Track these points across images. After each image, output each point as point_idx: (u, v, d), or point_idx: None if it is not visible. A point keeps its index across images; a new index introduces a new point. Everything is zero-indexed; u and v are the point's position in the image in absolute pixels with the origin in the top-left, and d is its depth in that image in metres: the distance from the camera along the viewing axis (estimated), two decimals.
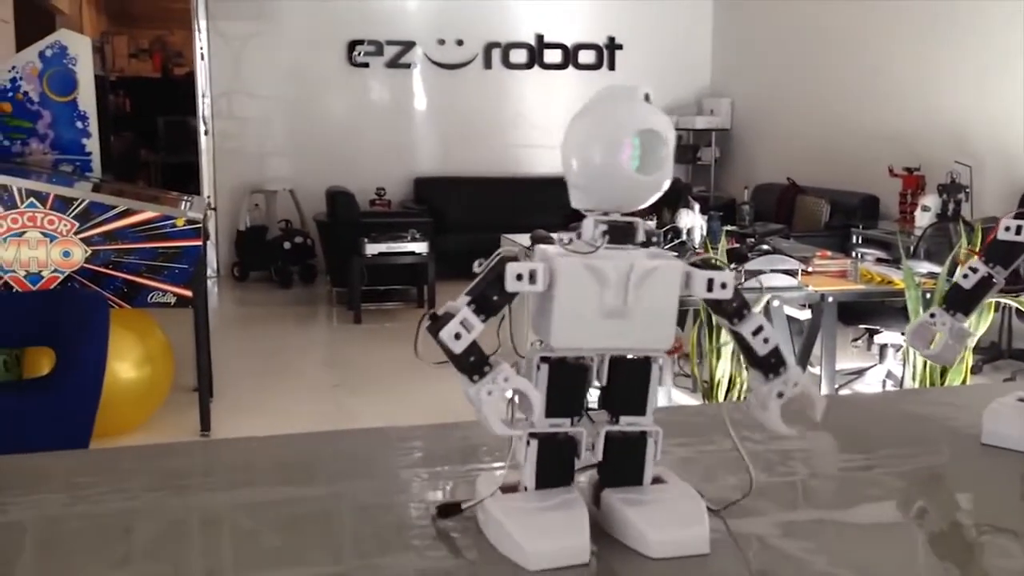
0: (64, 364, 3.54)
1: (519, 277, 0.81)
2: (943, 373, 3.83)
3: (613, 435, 0.86)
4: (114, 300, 3.97)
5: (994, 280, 1.06)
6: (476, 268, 0.83)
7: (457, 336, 0.81)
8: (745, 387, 3.81)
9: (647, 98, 0.84)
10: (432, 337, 0.81)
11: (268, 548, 0.84)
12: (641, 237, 0.84)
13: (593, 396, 0.87)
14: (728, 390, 3.71)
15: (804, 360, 4.39)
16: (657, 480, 0.88)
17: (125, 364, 4.07)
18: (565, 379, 0.84)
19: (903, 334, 4.16)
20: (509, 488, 0.85)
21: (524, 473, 0.85)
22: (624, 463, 0.86)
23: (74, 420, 3.40)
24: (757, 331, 0.86)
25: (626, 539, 0.82)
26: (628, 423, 0.86)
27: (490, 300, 0.82)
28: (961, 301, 1.07)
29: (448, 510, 0.87)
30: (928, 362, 3.81)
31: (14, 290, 3.91)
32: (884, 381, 4.93)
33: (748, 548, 0.84)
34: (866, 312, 4.84)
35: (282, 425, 4.13)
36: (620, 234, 0.84)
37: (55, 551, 0.87)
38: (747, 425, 1.21)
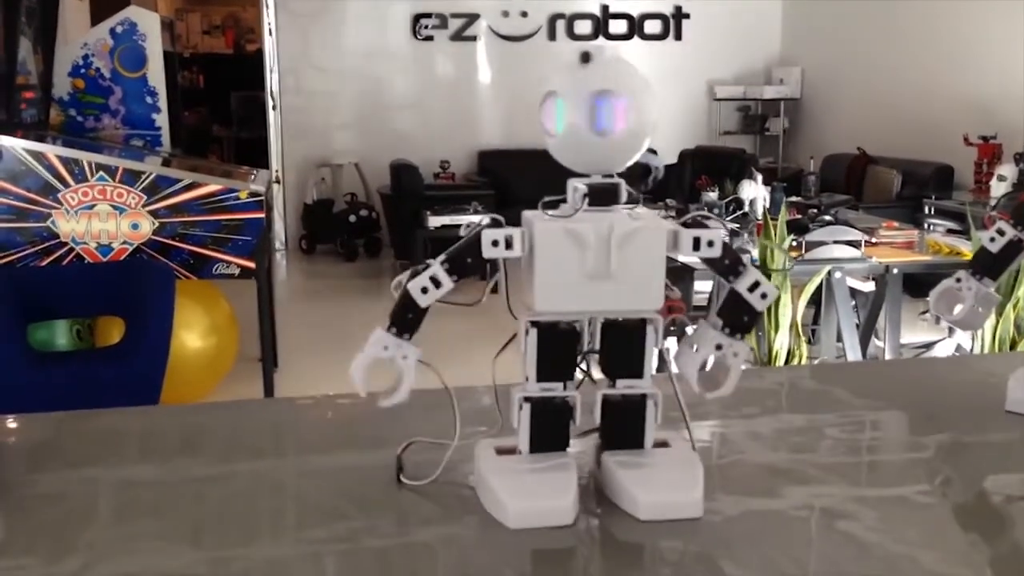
0: (132, 333, 3.66)
1: (495, 243, 0.82)
2: (1013, 347, 3.72)
3: (612, 399, 0.86)
4: (180, 271, 4.08)
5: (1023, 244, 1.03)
6: (463, 232, 0.84)
7: (424, 290, 0.83)
8: (805, 360, 3.76)
9: (586, 57, 0.82)
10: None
11: (329, 509, 0.87)
12: (624, 198, 0.84)
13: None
14: (787, 362, 3.66)
15: (868, 333, 4.30)
16: (662, 444, 0.88)
17: (191, 334, 4.18)
18: (555, 343, 0.84)
19: None
20: (506, 451, 0.86)
21: (519, 437, 0.85)
22: (623, 426, 0.86)
23: (142, 388, 3.51)
24: (753, 287, 0.84)
25: (620, 501, 0.83)
26: (626, 386, 0.85)
27: (464, 262, 0.83)
28: (988, 265, 1.04)
29: (399, 474, 0.88)
30: (998, 336, 3.71)
31: (86, 261, 4.04)
32: (954, 355, 4.80)
33: (745, 515, 0.84)
34: (935, 284, 4.72)
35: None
36: (601, 196, 0.84)
37: (127, 509, 0.90)
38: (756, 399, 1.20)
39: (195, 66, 12.65)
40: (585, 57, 0.82)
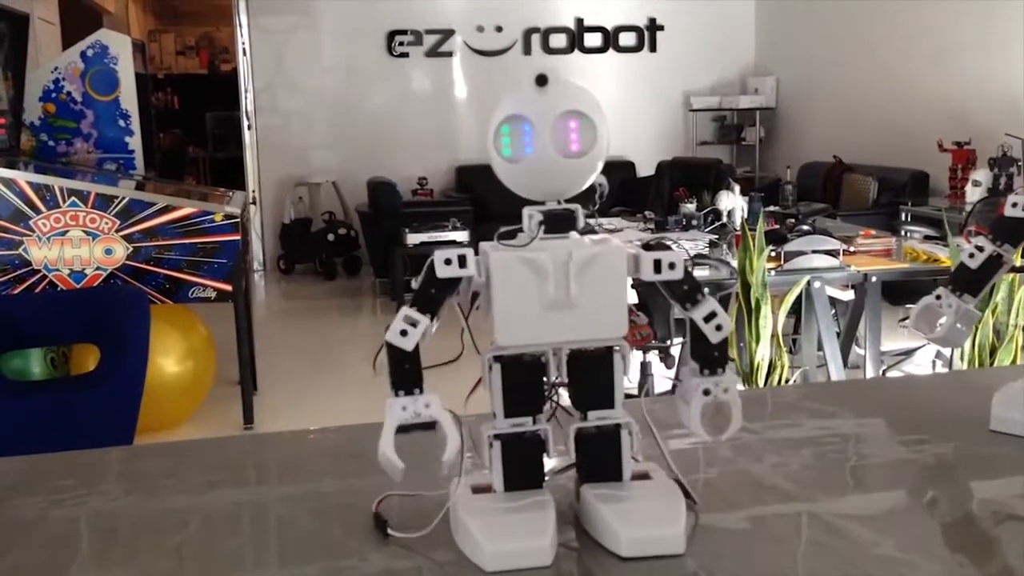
0: (108, 360, 3.61)
1: (447, 262, 0.79)
2: (992, 353, 3.72)
3: (585, 431, 0.83)
4: (156, 296, 4.03)
5: (1003, 259, 1.02)
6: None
7: (403, 333, 0.80)
8: (786, 371, 3.75)
9: (542, 80, 0.80)
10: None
11: (317, 540, 0.84)
12: (581, 224, 0.82)
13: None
14: (768, 374, 3.65)
15: (848, 342, 4.30)
16: (643, 476, 0.85)
17: (168, 359, 4.13)
18: (521, 377, 0.81)
19: None
20: (482, 489, 0.83)
21: (492, 475, 0.83)
22: (599, 459, 0.83)
23: (119, 415, 3.46)
24: (710, 317, 0.82)
25: (600, 537, 0.80)
26: (598, 417, 0.83)
27: (429, 294, 0.80)
28: (967, 281, 1.03)
29: (381, 526, 0.85)
30: (978, 342, 3.71)
31: (59, 288, 3.99)
32: (934, 362, 4.81)
33: (727, 545, 0.81)
34: (914, 291, 4.72)
35: (325, 417, 4.16)
36: (557, 223, 0.81)
37: (110, 544, 0.87)
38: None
39: (169, 87, 12.59)
40: (541, 80, 0.80)
